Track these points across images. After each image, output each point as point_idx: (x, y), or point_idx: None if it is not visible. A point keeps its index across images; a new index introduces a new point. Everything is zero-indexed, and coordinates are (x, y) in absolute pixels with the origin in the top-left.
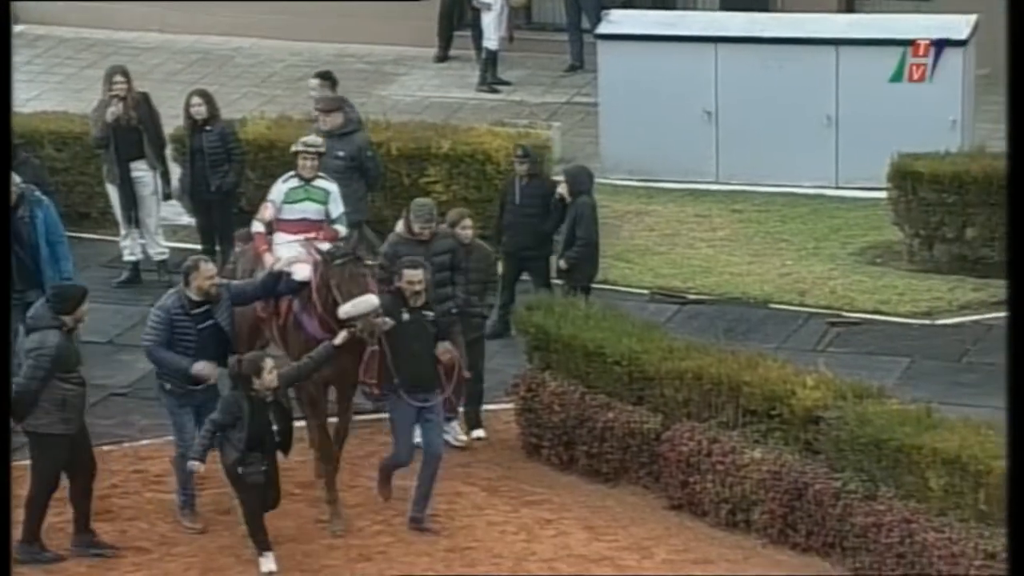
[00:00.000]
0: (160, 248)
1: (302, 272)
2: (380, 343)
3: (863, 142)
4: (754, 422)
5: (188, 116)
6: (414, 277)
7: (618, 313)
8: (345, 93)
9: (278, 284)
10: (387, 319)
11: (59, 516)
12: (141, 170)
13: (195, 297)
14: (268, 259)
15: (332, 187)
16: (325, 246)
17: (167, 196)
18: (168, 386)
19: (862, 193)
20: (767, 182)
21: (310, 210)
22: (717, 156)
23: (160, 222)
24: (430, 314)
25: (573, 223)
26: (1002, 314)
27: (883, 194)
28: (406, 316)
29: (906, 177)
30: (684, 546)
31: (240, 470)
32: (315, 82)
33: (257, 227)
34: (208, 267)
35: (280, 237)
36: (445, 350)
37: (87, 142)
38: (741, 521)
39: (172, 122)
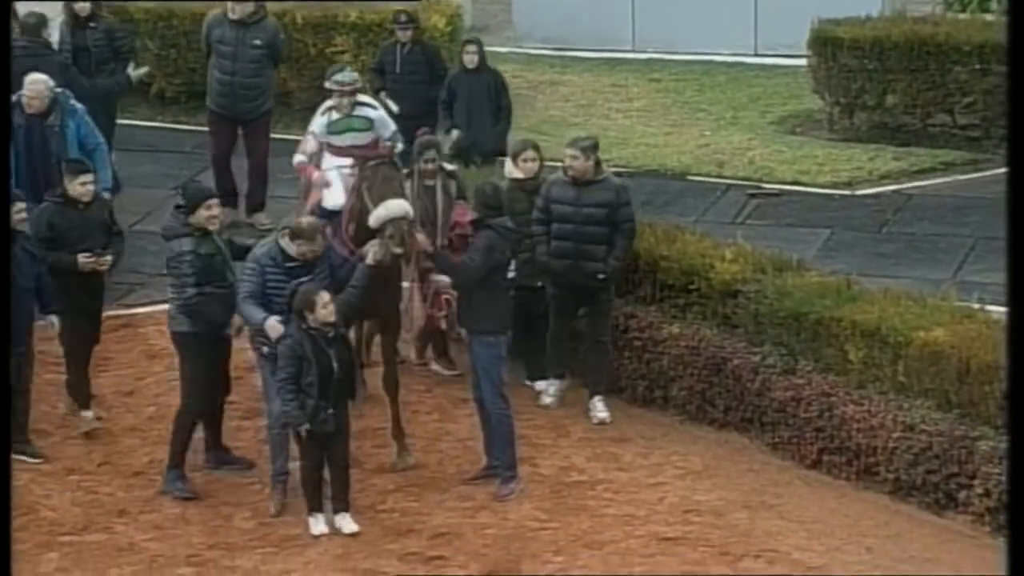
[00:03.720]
0: None
1: (333, 199)
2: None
3: (782, 7)
4: (672, 297)
5: (70, 12)
6: None
7: None
8: None
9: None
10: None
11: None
12: None
13: (292, 253)
14: (315, 176)
15: (375, 113)
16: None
17: None
18: (265, 349)
19: (781, 60)
20: (684, 50)
21: (357, 139)
22: (633, 23)
23: None
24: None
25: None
26: (923, 183)
27: (803, 61)
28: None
29: (826, 43)
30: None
31: (312, 423)
32: None
33: (299, 159)
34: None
35: (329, 160)
36: (419, 239)
37: None
38: (659, 397)
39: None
